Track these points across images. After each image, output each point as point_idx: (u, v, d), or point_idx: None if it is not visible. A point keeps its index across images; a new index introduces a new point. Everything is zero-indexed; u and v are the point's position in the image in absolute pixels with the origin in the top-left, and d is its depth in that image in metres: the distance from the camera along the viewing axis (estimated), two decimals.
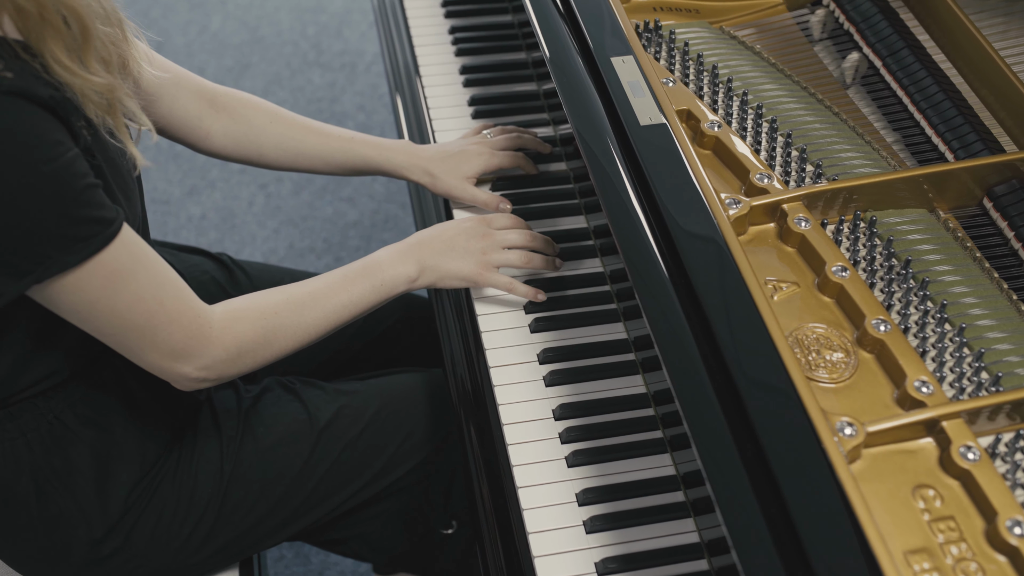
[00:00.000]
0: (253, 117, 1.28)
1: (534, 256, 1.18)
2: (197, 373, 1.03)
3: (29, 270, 0.88)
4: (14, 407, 1.06)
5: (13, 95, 0.83)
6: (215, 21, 2.92)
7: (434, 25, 1.60)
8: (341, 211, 2.43)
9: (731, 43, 1.28)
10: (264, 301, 1.08)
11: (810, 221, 1.01)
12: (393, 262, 1.14)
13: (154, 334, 0.98)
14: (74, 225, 0.89)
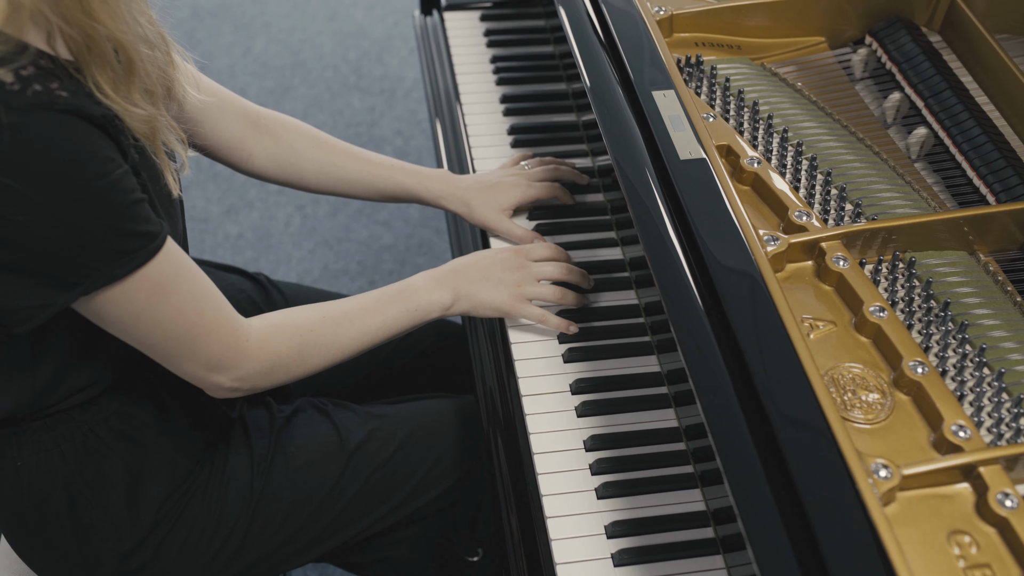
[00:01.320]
0: (295, 141, 1.29)
1: (568, 293, 1.19)
2: (232, 383, 1.05)
3: (77, 282, 0.90)
4: (51, 418, 1.08)
5: (68, 113, 0.85)
6: (258, 43, 2.96)
7: (476, 54, 1.61)
8: (376, 234, 2.45)
9: (772, 80, 1.28)
10: (300, 317, 1.09)
11: (848, 260, 1.01)
12: (429, 288, 1.15)
13: (193, 345, 1.00)
14: (121, 239, 0.90)
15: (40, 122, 0.83)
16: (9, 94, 0.82)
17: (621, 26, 1.24)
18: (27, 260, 0.88)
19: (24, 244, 0.86)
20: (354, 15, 3.08)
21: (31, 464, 1.09)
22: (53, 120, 0.84)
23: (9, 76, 0.82)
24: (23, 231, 0.85)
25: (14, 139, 0.82)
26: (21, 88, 0.82)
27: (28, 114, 0.82)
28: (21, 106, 0.82)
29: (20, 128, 0.82)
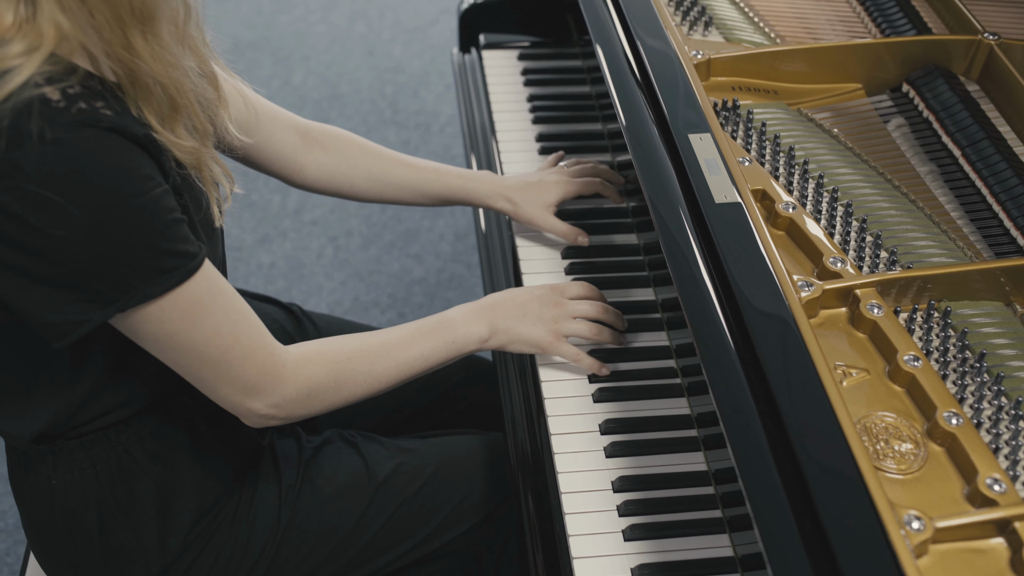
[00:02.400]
0: (345, 150, 1.33)
1: (603, 330, 1.20)
2: (267, 410, 1.05)
3: (115, 299, 0.91)
4: (87, 437, 1.09)
5: (110, 131, 0.87)
6: (297, 76, 3.01)
7: (513, 92, 1.63)
8: (407, 267, 2.46)
9: (808, 125, 1.28)
10: (338, 346, 1.10)
11: (883, 308, 1.00)
12: (467, 321, 1.16)
13: (228, 368, 1.00)
14: (159, 257, 0.92)
15: (84, 139, 0.85)
16: (55, 111, 0.84)
17: (659, 68, 1.26)
18: (65, 274, 0.89)
19: (63, 258, 0.88)
20: (392, 51, 3.12)
21: (65, 482, 1.10)
22: (96, 137, 0.85)
23: (56, 94, 0.84)
24: (62, 245, 0.87)
25: (57, 154, 0.83)
26: (67, 105, 0.84)
27: (72, 130, 0.84)
28: (66, 122, 0.84)
29: (64, 143, 0.84)
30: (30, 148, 0.82)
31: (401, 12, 3.27)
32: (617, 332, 1.21)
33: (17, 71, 0.82)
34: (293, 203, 2.62)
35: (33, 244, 0.86)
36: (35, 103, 0.83)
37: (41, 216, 0.85)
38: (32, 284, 0.89)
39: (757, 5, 1.47)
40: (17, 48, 0.83)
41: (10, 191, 0.83)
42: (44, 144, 0.83)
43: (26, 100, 0.82)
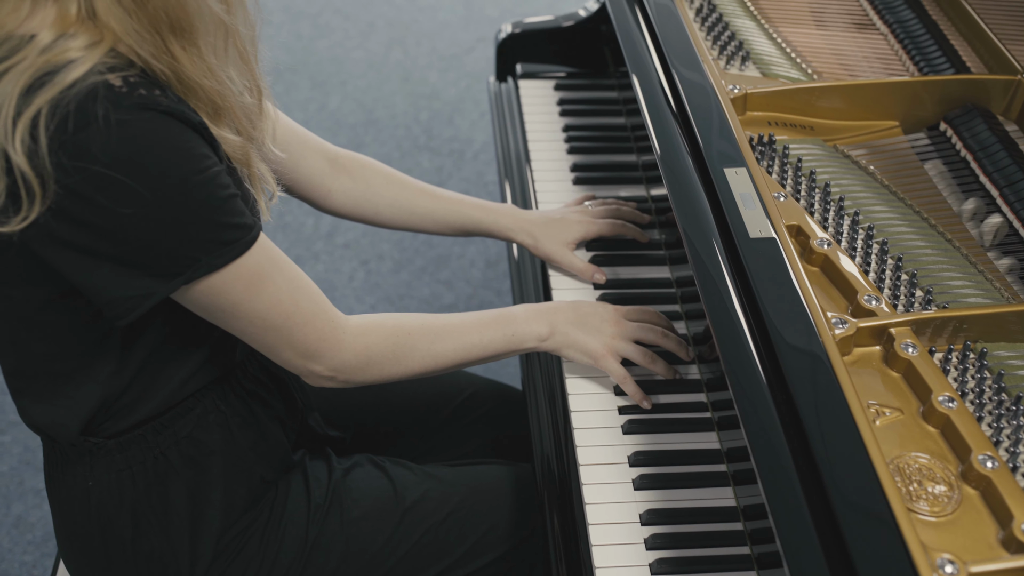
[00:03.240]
0: (371, 178, 1.35)
1: (657, 359, 1.20)
2: (327, 372, 1.09)
3: (179, 272, 0.95)
4: (124, 437, 1.11)
5: (168, 115, 0.91)
6: (333, 100, 3.04)
7: (548, 122, 1.64)
8: (437, 293, 2.47)
9: (844, 162, 1.28)
10: (400, 320, 1.14)
11: (917, 347, 1.00)
12: (528, 318, 1.18)
13: (290, 334, 1.04)
14: (220, 230, 0.95)
15: (145, 120, 0.88)
16: (118, 95, 0.87)
17: (695, 101, 1.26)
18: (131, 252, 0.92)
19: (128, 236, 0.91)
20: (428, 77, 3.15)
21: (101, 484, 1.11)
22: (156, 119, 0.89)
23: (118, 80, 0.88)
24: (128, 223, 0.90)
25: (121, 135, 0.87)
26: (128, 91, 0.88)
27: (134, 113, 0.88)
28: (128, 105, 0.88)
29: (127, 125, 0.87)
30: (96, 130, 0.86)
31: (437, 40, 3.31)
32: (671, 367, 1.22)
33: (81, 61, 0.87)
34: (326, 226, 2.64)
35: (100, 223, 0.90)
36: (100, 88, 0.87)
37: (108, 195, 0.88)
38: (100, 262, 0.93)
39: (795, 41, 1.48)
40: (81, 41, 0.88)
41: (79, 172, 0.87)
42: (109, 126, 0.86)
43: (91, 85, 0.86)
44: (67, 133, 0.86)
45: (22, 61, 0.87)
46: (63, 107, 0.85)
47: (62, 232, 0.91)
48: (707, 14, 1.49)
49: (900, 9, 1.52)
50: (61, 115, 0.85)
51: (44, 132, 0.85)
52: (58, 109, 0.85)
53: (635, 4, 1.48)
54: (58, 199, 0.88)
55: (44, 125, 0.85)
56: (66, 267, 0.94)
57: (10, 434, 2.11)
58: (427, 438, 1.41)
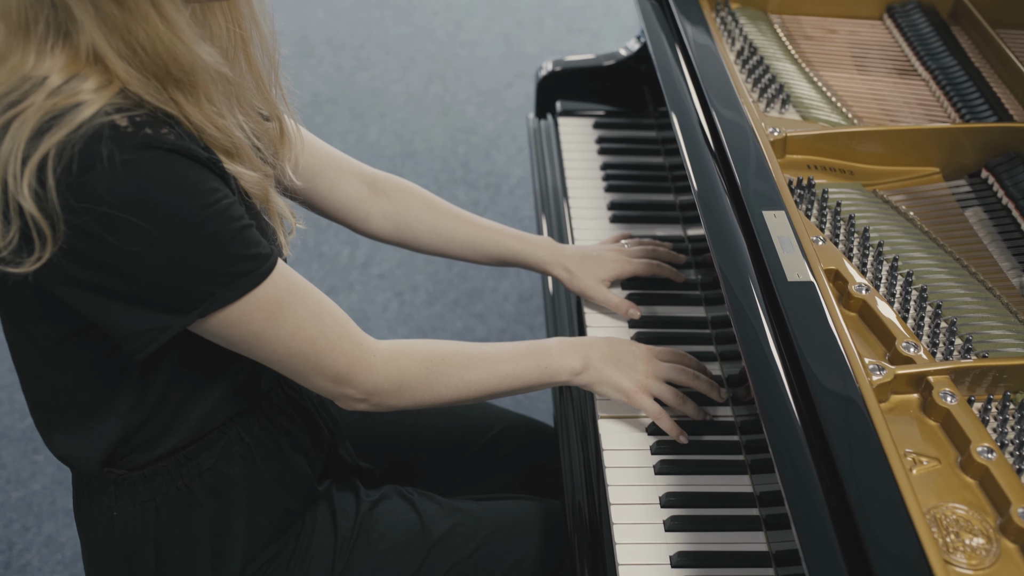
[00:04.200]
0: (411, 202, 1.35)
1: (688, 401, 1.20)
2: (360, 395, 1.08)
3: (193, 306, 0.95)
4: (148, 468, 1.11)
5: (174, 152, 0.91)
6: (372, 132, 3.07)
7: (587, 160, 1.65)
8: (470, 326, 2.48)
9: (883, 207, 1.28)
10: (434, 347, 1.14)
11: (956, 396, 0.99)
12: (562, 351, 1.18)
13: (318, 360, 1.04)
14: (232, 263, 0.95)
15: (150, 159, 0.89)
16: (124, 135, 0.88)
17: (734, 142, 1.26)
18: (143, 288, 0.93)
19: (140, 273, 0.92)
20: (466, 111, 3.18)
21: (126, 515, 1.12)
22: (161, 157, 0.90)
23: (124, 120, 0.89)
24: (139, 261, 0.91)
25: (127, 176, 0.88)
26: (134, 130, 0.89)
27: (139, 152, 0.88)
28: (133, 145, 0.88)
29: (132, 165, 0.88)
30: (101, 171, 0.87)
31: (477, 75, 3.34)
32: (700, 409, 1.21)
33: (90, 103, 0.88)
34: (362, 256, 2.66)
35: (111, 262, 0.91)
36: (105, 129, 0.87)
37: (117, 235, 0.89)
38: (113, 300, 0.93)
39: (835, 85, 1.48)
40: (91, 83, 0.89)
41: (86, 213, 0.88)
42: (114, 166, 0.87)
43: (97, 126, 0.87)
44: (72, 175, 0.86)
45: (31, 106, 0.88)
46: (69, 149, 0.86)
47: (75, 271, 0.91)
48: (748, 56, 1.49)
49: (942, 55, 1.52)
50: (67, 157, 0.86)
51: (52, 175, 0.86)
52: (65, 151, 0.86)
53: (676, 44, 1.49)
54: (69, 239, 0.89)
55: (52, 168, 0.86)
56: (81, 305, 0.95)
57: (43, 453, 2.13)
58: (456, 472, 1.41)
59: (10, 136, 0.87)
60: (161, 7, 0.89)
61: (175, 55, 0.91)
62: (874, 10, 1.64)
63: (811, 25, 1.62)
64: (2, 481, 2.08)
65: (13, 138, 0.87)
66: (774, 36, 1.57)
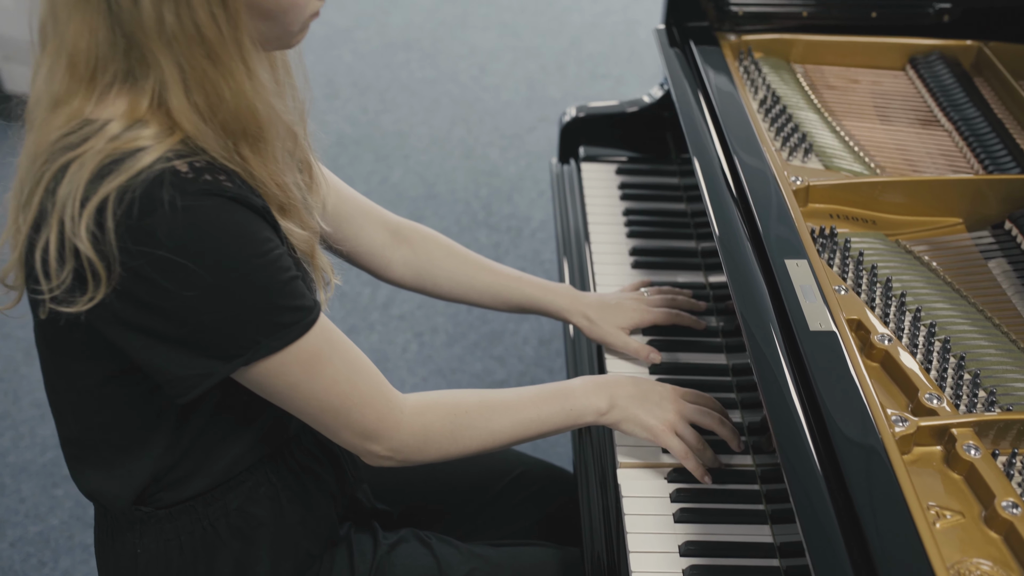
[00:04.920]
0: (432, 250, 1.37)
1: (707, 447, 1.19)
2: (385, 452, 1.08)
3: (238, 354, 0.96)
4: (175, 508, 1.12)
5: (232, 200, 0.93)
6: (396, 173, 3.10)
7: (609, 205, 1.66)
8: (490, 368, 2.48)
9: (906, 257, 1.28)
10: (457, 398, 1.13)
11: (980, 450, 0.98)
12: (587, 392, 1.17)
13: (348, 415, 1.04)
14: (280, 313, 0.96)
15: (210, 206, 0.91)
16: (184, 180, 0.90)
17: (757, 190, 1.27)
18: (192, 333, 0.94)
19: (190, 318, 0.93)
20: (489, 154, 3.20)
21: (150, 552, 1.12)
22: (221, 205, 0.91)
23: (184, 166, 0.91)
24: (190, 305, 0.92)
25: (187, 221, 0.89)
26: (194, 176, 0.91)
27: (199, 199, 0.90)
28: (194, 191, 0.90)
29: (192, 211, 0.89)
30: (162, 215, 0.88)
31: (500, 118, 3.37)
32: (716, 456, 1.21)
33: (150, 150, 0.89)
34: (382, 297, 2.67)
35: (163, 305, 0.92)
36: (166, 174, 0.89)
37: (171, 279, 0.90)
38: (161, 343, 0.95)
39: (858, 135, 1.49)
40: (152, 131, 0.91)
41: (144, 256, 0.89)
42: (175, 211, 0.89)
43: (158, 171, 0.89)
44: (133, 219, 0.88)
45: (90, 150, 0.89)
46: (130, 193, 0.88)
47: (126, 313, 0.93)
48: (771, 105, 1.50)
49: (965, 107, 1.53)
50: (128, 201, 0.87)
51: (111, 217, 0.87)
52: (125, 195, 0.87)
53: (699, 91, 1.50)
54: (123, 282, 0.90)
55: (111, 211, 0.87)
56: (129, 346, 0.96)
57: (63, 488, 2.14)
58: (474, 516, 1.40)
59: (68, 179, 0.89)
60: (250, 63, 0.92)
61: (255, 112, 0.93)
62: (897, 61, 1.65)
63: (834, 75, 1.63)
64: (20, 515, 2.08)
65: (71, 180, 0.89)
66: (797, 85, 1.58)
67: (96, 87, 0.92)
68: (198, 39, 0.88)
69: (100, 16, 0.89)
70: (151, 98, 0.91)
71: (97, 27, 0.89)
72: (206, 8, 0.88)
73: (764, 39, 1.63)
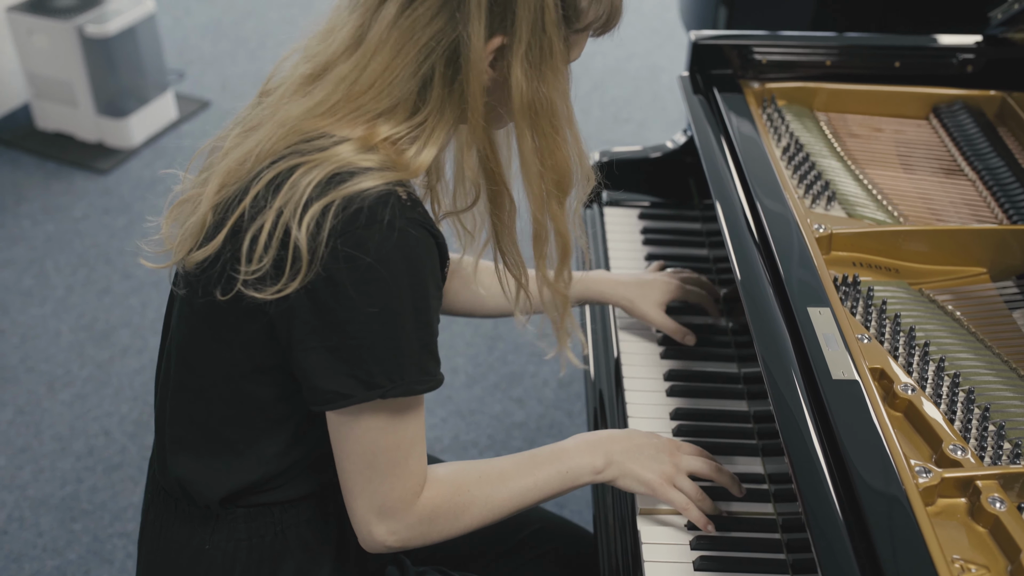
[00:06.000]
0: (480, 277, 1.44)
1: (706, 497, 1.18)
2: (386, 536, 1.07)
3: (382, 384, 0.98)
4: (254, 508, 1.13)
5: (434, 237, 1.00)
6: None
7: (631, 249, 1.66)
8: (509, 410, 2.47)
9: (929, 306, 1.27)
10: (461, 475, 1.12)
11: (1006, 503, 0.97)
12: (581, 451, 1.17)
13: (381, 482, 1.04)
14: (428, 359, 1.01)
15: (419, 235, 0.97)
16: (405, 207, 0.96)
17: (779, 236, 1.27)
18: (351, 348, 0.97)
19: (359, 333, 0.96)
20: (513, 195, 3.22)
21: (218, 549, 1.13)
22: (427, 239, 0.98)
23: (404, 194, 0.98)
24: (364, 321, 0.95)
25: (398, 241, 0.95)
26: (412, 204, 0.98)
27: (414, 226, 0.96)
28: (411, 217, 0.96)
29: (405, 234, 0.95)
30: (379, 229, 0.94)
31: None
32: (715, 504, 1.20)
33: (376, 174, 0.96)
34: None
35: (341, 313, 0.95)
36: (392, 196, 0.96)
37: (362, 290, 0.94)
38: (319, 349, 0.98)
39: (881, 183, 1.49)
40: (380, 158, 0.98)
41: (348, 260, 0.94)
42: (393, 229, 0.94)
43: (385, 192, 0.96)
44: (353, 225, 0.94)
45: (327, 159, 0.96)
46: (357, 202, 0.94)
47: (304, 311, 0.97)
48: (794, 153, 1.51)
49: (989, 156, 1.53)
50: (354, 210, 0.94)
51: (332, 218, 0.93)
52: (352, 203, 0.94)
53: (722, 137, 1.51)
54: (316, 280, 0.94)
55: (334, 213, 0.93)
56: (291, 343, 0.99)
57: (81, 523, 2.14)
58: (488, 568, 1.39)
59: (297, 177, 0.96)
60: (575, 131, 1.05)
61: (569, 168, 1.05)
62: (920, 110, 1.66)
63: (857, 123, 1.63)
64: (38, 549, 2.09)
65: (300, 179, 0.95)
66: (820, 133, 1.59)
67: (369, 109, 0.99)
68: (550, 112, 1.00)
69: (419, 56, 0.98)
70: (404, 134, 1.00)
71: (411, 65, 0.98)
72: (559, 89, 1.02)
73: (788, 87, 1.64)
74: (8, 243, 2.99)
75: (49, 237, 3.01)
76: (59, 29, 3.16)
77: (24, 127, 3.49)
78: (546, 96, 0.99)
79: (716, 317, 1.47)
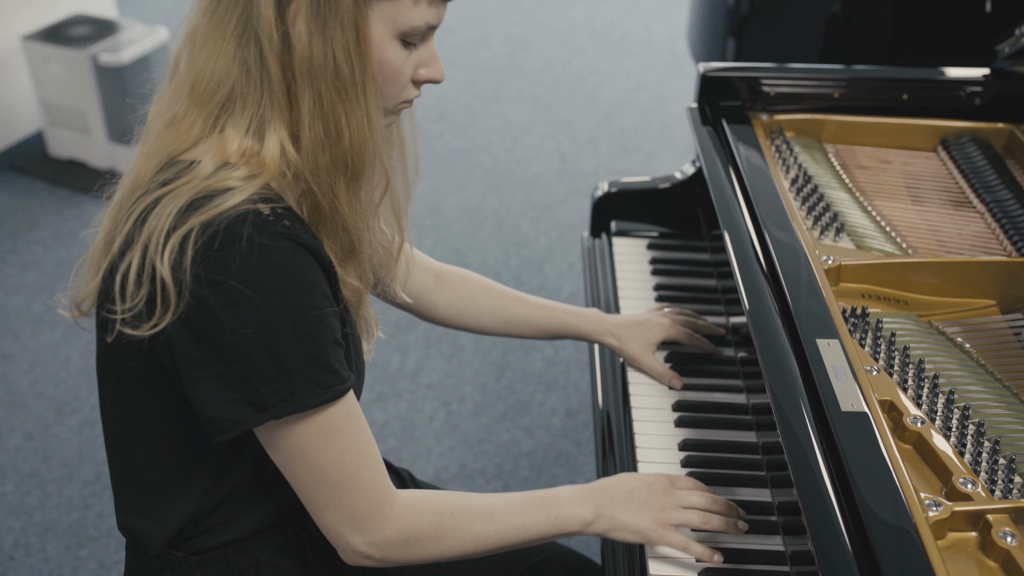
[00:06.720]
0: (473, 291, 1.47)
1: (712, 517, 1.17)
2: (364, 548, 1.06)
3: (272, 404, 0.97)
4: (207, 555, 1.12)
5: (305, 248, 0.98)
6: (427, 242, 3.13)
7: (640, 280, 1.67)
8: (516, 439, 2.47)
9: (939, 338, 1.27)
10: (445, 500, 1.12)
11: (1017, 537, 0.96)
12: (572, 501, 1.16)
13: (341, 496, 1.04)
14: (320, 371, 0.99)
15: (284, 249, 0.95)
16: (265, 221, 0.95)
17: (788, 267, 1.27)
18: (236, 373, 0.96)
19: (238, 356, 0.95)
20: (520, 225, 3.23)
21: None
22: (294, 250, 0.96)
23: (267, 209, 0.96)
24: (241, 343, 0.95)
25: (260, 257, 0.94)
26: (275, 220, 0.96)
27: (276, 240, 0.95)
28: (272, 233, 0.95)
29: (267, 250, 0.94)
30: (238, 249, 0.93)
31: (532, 190, 3.41)
32: (730, 520, 1.18)
33: (240, 190, 0.96)
34: (411, 364, 2.68)
35: (217, 339, 0.95)
36: (250, 214, 0.95)
37: (232, 312, 0.94)
38: (205, 379, 0.97)
39: (890, 215, 1.49)
40: (241, 173, 0.97)
41: (212, 284, 0.93)
42: (252, 247, 0.93)
43: (242, 211, 0.95)
44: (211, 249, 0.93)
45: (187, 184, 0.96)
46: (214, 226, 0.93)
47: (182, 343, 0.96)
48: (802, 184, 1.51)
49: (997, 188, 1.53)
50: (210, 233, 0.93)
51: (192, 246, 0.93)
52: (209, 228, 0.93)
53: (730, 168, 1.51)
54: (188, 310, 0.94)
55: (194, 240, 0.93)
56: (179, 376, 0.99)
57: (87, 549, 2.14)
58: None
59: (159, 209, 0.96)
60: (371, 105, 0.98)
61: (363, 146, 0.99)
62: (928, 142, 1.67)
63: (865, 155, 1.64)
64: (44, 575, 2.08)
65: (163, 211, 0.95)
66: (828, 165, 1.60)
67: (212, 109, 0.99)
68: (333, 71, 0.95)
69: (233, 43, 0.96)
70: (240, 140, 0.98)
71: (230, 52, 0.97)
72: (343, 46, 0.94)
73: (796, 119, 1.65)
74: (20, 269, 3.01)
75: (60, 263, 3.03)
76: (74, 58, 3.19)
77: (37, 154, 3.52)
78: (329, 54, 0.94)
79: (715, 352, 1.49)
